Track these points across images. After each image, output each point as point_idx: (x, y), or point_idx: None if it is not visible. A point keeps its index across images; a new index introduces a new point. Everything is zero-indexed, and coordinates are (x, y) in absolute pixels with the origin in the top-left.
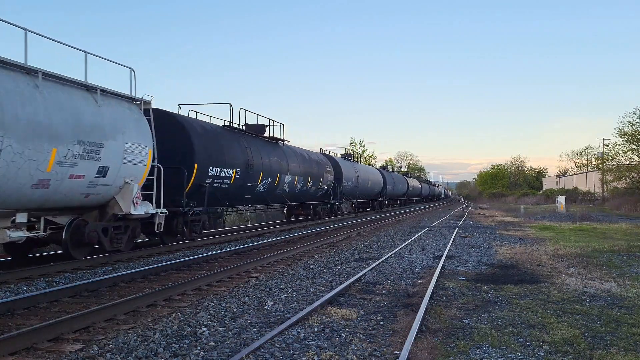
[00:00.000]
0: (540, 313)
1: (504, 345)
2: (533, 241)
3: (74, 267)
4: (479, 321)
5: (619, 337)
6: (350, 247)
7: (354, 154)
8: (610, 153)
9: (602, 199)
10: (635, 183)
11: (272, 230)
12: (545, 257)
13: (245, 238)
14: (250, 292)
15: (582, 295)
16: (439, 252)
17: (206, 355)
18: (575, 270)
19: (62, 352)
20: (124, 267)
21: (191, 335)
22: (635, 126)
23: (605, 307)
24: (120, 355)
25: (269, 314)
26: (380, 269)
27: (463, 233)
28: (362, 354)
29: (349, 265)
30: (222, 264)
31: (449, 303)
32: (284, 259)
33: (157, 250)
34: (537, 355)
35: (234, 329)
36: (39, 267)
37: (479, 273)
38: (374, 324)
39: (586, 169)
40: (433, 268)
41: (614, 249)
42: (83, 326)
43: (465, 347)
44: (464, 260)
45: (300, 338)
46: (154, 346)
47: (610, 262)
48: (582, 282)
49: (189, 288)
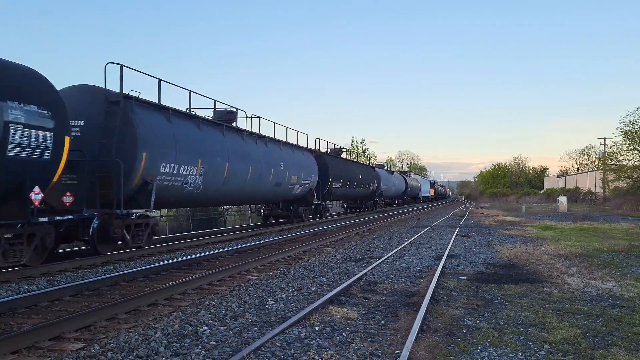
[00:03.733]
0: (541, 313)
1: (504, 345)
2: (534, 241)
3: (75, 267)
4: (479, 321)
5: (620, 336)
6: (351, 247)
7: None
8: (611, 152)
9: (603, 199)
10: (636, 183)
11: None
12: (546, 257)
13: (245, 237)
14: (251, 291)
15: (583, 295)
16: (440, 252)
17: (207, 354)
18: (576, 270)
19: (63, 351)
20: (125, 266)
21: (192, 334)
22: (637, 126)
23: (606, 307)
24: (122, 354)
25: (270, 313)
26: (381, 269)
27: (464, 232)
28: (363, 354)
29: (350, 264)
30: (223, 263)
31: (450, 302)
32: (285, 258)
33: (158, 249)
34: (538, 355)
35: (235, 328)
36: (40, 266)
37: (480, 272)
38: (375, 324)
39: (587, 168)
40: (434, 267)
41: (615, 248)
42: (84, 325)
43: (466, 347)
44: (465, 260)
45: (301, 337)
46: (155, 345)
47: (611, 261)
48: (583, 281)
49: (190, 287)
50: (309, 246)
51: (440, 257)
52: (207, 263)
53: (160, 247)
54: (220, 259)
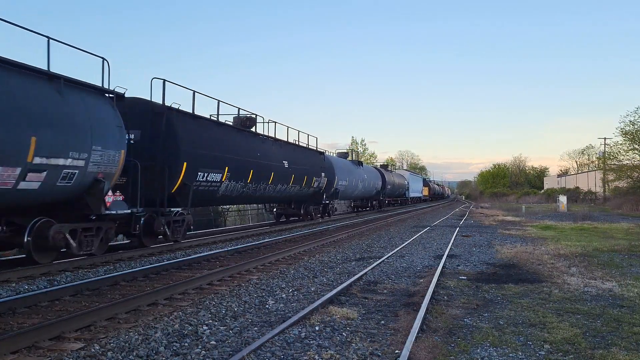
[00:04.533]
0: (542, 312)
1: (504, 345)
2: (534, 241)
3: (75, 266)
4: (480, 320)
5: (620, 336)
6: (351, 246)
7: (353, 152)
8: (611, 152)
9: (603, 199)
10: (636, 182)
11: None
12: (546, 257)
13: (245, 237)
14: (251, 291)
15: (583, 295)
16: (440, 252)
17: (207, 354)
18: (576, 270)
19: (63, 350)
20: (125, 266)
21: (192, 334)
22: (637, 125)
23: (606, 307)
24: (122, 354)
25: (270, 313)
26: (381, 268)
27: (464, 232)
28: (363, 353)
29: (350, 264)
30: (223, 263)
31: (450, 302)
32: (285, 258)
33: (158, 249)
34: (538, 355)
35: (235, 328)
36: (40, 266)
37: (480, 272)
38: (375, 323)
39: (587, 168)
40: (434, 267)
41: (615, 248)
42: (84, 325)
43: (466, 347)
44: (465, 260)
45: (301, 337)
46: (155, 345)
47: (611, 261)
48: (583, 281)
49: (190, 287)
50: (308, 246)
51: (440, 257)
52: (207, 263)
53: (160, 247)
54: (221, 258)
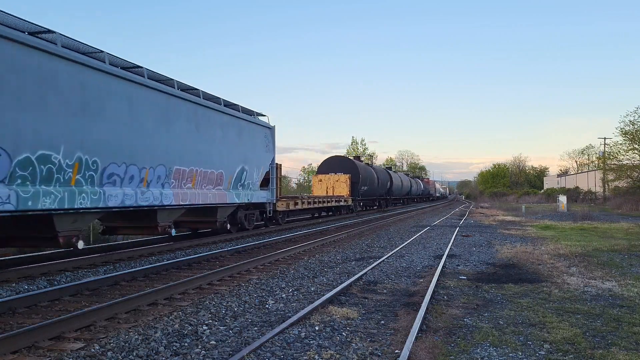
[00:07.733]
0: (541, 312)
1: (505, 345)
2: (534, 240)
3: (75, 266)
4: (479, 320)
5: (620, 336)
6: (351, 246)
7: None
8: (611, 152)
9: (603, 198)
10: (636, 182)
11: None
12: (546, 257)
13: (245, 237)
14: (251, 291)
15: (583, 295)
16: (440, 251)
17: (207, 354)
18: (576, 270)
19: (63, 350)
20: (125, 266)
21: (192, 334)
22: (637, 125)
23: (606, 307)
24: (122, 354)
25: (270, 312)
26: (381, 268)
27: (464, 232)
28: (362, 353)
29: (349, 264)
30: (223, 262)
31: (449, 302)
32: (285, 257)
33: (159, 249)
34: (538, 355)
35: (235, 327)
36: (40, 266)
37: (480, 272)
38: (375, 323)
39: (587, 168)
40: (434, 267)
41: (615, 248)
42: (84, 325)
43: (466, 347)
44: (465, 260)
45: (301, 337)
46: (155, 345)
47: (611, 261)
48: (583, 281)
49: (190, 287)
50: (308, 246)
51: (440, 257)
52: (207, 263)
53: (160, 247)
54: (220, 258)
